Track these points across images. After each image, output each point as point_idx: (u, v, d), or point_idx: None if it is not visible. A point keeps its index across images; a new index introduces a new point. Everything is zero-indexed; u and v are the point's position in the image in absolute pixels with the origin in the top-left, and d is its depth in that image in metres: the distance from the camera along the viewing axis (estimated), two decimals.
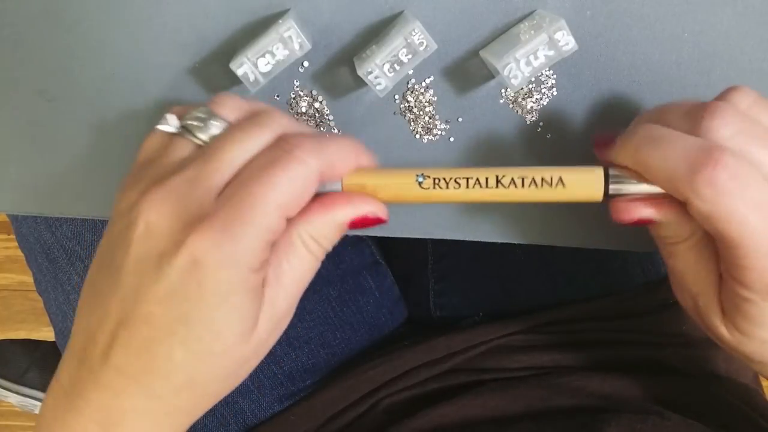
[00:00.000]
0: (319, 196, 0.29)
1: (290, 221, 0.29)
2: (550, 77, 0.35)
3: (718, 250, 0.29)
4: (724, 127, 0.27)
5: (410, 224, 0.38)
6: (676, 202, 0.28)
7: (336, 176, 0.29)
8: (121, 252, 0.27)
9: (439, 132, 0.36)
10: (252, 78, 0.32)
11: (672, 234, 0.29)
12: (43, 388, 0.92)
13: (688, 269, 0.30)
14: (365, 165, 0.30)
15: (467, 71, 0.35)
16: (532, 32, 0.32)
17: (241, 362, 0.29)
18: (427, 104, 0.36)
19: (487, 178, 0.29)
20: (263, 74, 0.32)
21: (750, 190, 0.26)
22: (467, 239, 0.38)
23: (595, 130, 0.36)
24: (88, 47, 0.35)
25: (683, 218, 0.29)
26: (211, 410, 0.30)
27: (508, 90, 0.35)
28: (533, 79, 0.35)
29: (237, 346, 0.28)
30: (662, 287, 0.51)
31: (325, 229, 0.29)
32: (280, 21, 0.32)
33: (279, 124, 0.29)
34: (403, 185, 0.29)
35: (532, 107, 0.35)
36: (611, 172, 0.29)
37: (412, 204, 0.37)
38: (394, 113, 0.36)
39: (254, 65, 0.32)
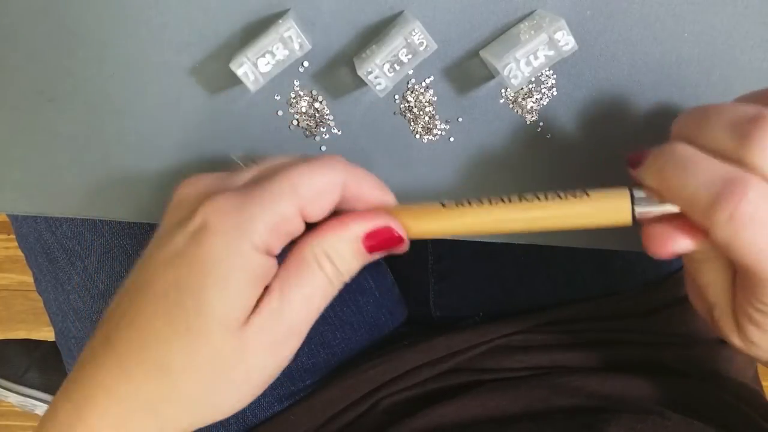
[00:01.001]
0: (335, 215, 0.29)
1: (304, 237, 0.28)
2: (550, 77, 0.35)
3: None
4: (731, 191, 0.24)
5: None
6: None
7: (359, 199, 0.29)
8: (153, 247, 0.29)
9: (439, 132, 0.36)
10: (252, 78, 0.32)
11: (701, 256, 0.29)
12: (43, 388, 0.92)
13: (710, 284, 0.29)
14: (389, 203, 0.30)
15: (467, 71, 0.35)
16: (532, 32, 0.32)
17: (218, 364, 0.27)
18: (427, 104, 0.36)
19: (509, 195, 0.28)
20: (263, 74, 0.32)
21: None
22: (467, 239, 0.38)
23: (595, 130, 0.36)
24: (88, 47, 0.35)
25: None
26: None
27: (508, 90, 0.35)
28: (533, 79, 0.35)
29: (215, 334, 0.26)
30: (662, 287, 0.51)
31: (339, 245, 0.28)
32: (280, 21, 0.32)
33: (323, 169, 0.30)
34: (426, 207, 0.29)
35: (532, 107, 0.35)
36: (636, 194, 0.27)
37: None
38: (394, 113, 0.36)
39: (254, 65, 0.32)
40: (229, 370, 0.27)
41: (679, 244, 0.27)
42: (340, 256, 0.28)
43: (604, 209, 0.28)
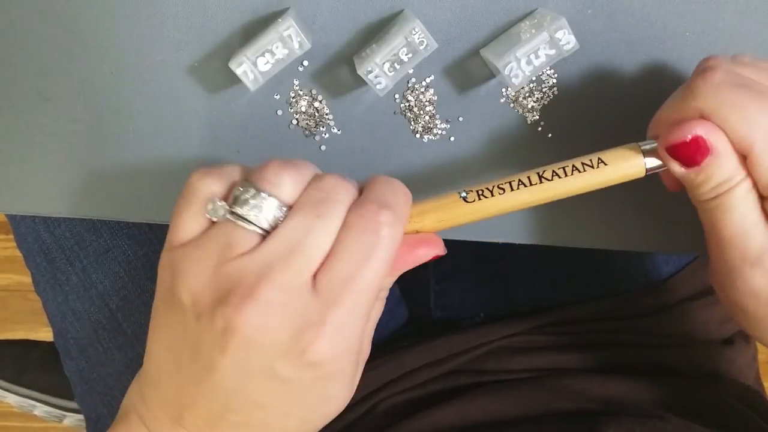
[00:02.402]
0: None
1: None
2: (551, 76, 0.35)
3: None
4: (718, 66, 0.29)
5: None
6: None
7: (405, 224, 0.29)
8: (215, 353, 0.27)
9: (440, 131, 0.36)
10: (251, 77, 0.32)
11: (728, 174, 0.28)
12: (42, 388, 0.92)
13: (748, 216, 0.29)
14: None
15: (468, 70, 0.35)
16: (533, 31, 0.32)
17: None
18: (427, 103, 0.35)
19: (528, 177, 0.29)
20: (262, 73, 0.32)
21: (745, 75, 0.28)
22: (468, 239, 0.38)
23: (596, 130, 0.36)
24: (87, 46, 0.35)
25: (732, 153, 0.28)
26: None
27: (509, 89, 0.35)
28: (534, 79, 0.35)
29: (344, 406, 0.30)
30: (663, 288, 0.50)
31: (392, 279, 0.31)
32: (280, 20, 0.32)
33: (342, 190, 0.28)
34: (448, 206, 0.29)
35: (533, 106, 0.35)
36: (644, 145, 0.29)
37: None
38: (395, 113, 0.36)
39: (253, 64, 0.32)
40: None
41: (696, 127, 0.28)
42: (390, 283, 0.31)
43: (620, 171, 0.29)
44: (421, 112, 0.35)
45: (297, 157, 0.36)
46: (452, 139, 0.36)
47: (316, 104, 0.36)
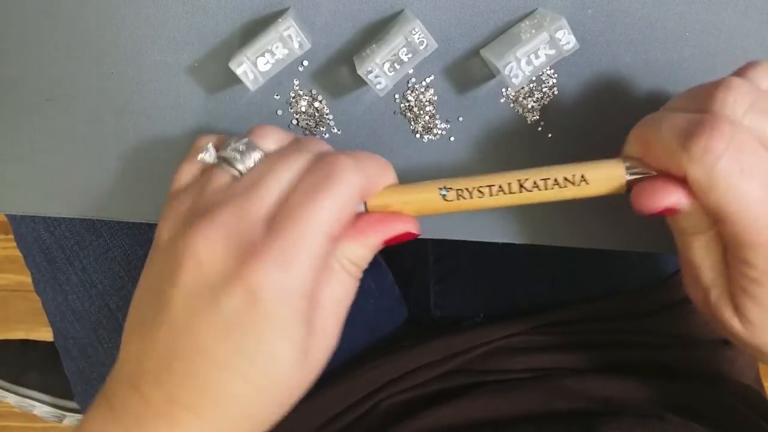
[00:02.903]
0: (355, 222, 0.30)
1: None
2: (551, 76, 0.35)
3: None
4: (736, 103, 0.26)
5: None
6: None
7: (373, 193, 0.30)
8: (168, 285, 0.28)
9: (440, 131, 0.36)
10: (251, 77, 0.32)
11: (692, 225, 0.29)
12: (42, 388, 0.92)
13: (703, 261, 0.29)
14: (392, 182, 0.31)
15: (468, 70, 0.35)
16: (533, 31, 0.32)
17: (295, 390, 0.29)
18: (427, 103, 0.35)
19: (509, 184, 0.29)
20: (262, 73, 0.32)
21: (748, 158, 0.25)
22: (467, 239, 0.38)
23: (595, 129, 0.36)
24: (88, 47, 0.35)
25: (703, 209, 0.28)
26: None
27: (509, 89, 0.35)
28: (534, 78, 0.35)
29: (294, 374, 0.28)
30: (664, 288, 0.50)
31: (361, 252, 0.30)
32: (280, 20, 0.32)
33: (316, 147, 0.30)
34: (427, 201, 0.30)
35: (533, 106, 0.35)
36: (628, 164, 0.29)
37: None
38: (394, 113, 0.36)
39: (253, 64, 0.32)
40: (299, 388, 0.30)
41: (667, 198, 0.27)
42: (362, 258, 0.30)
43: (601, 188, 0.29)
44: (421, 112, 0.35)
45: None
46: (452, 139, 0.36)
47: (316, 104, 0.36)
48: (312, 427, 0.48)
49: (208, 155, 0.31)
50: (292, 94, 0.36)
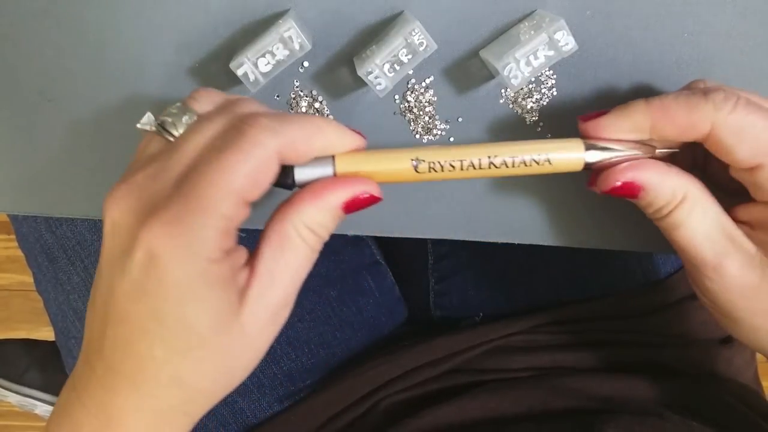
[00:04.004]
0: (309, 185, 0.29)
1: (282, 212, 0.28)
2: (550, 77, 0.35)
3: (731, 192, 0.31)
4: (728, 95, 0.29)
5: (410, 224, 0.38)
6: (658, 161, 0.30)
7: (300, 156, 0.28)
8: (100, 255, 0.28)
9: (439, 132, 0.36)
10: (252, 78, 0.32)
11: (663, 200, 0.30)
12: (43, 387, 0.92)
13: (697, 233, 0.30)
14: (353, 146, 0.29)
15: (467, 71, 0.35)
16: (532, 32, 0.32)
17: (228, 356, 0.28)
18: (427, 104, 0.36)
19: (480, 160, 0.30)
20: (263, 74, 0.32)
21: (758, 101, 0.29)
22: (467, 239, 0.38)
23: None
24: (88, 47, 0.35)
25: (667, 177, 0.30)
26: (210, 411, 0.30)
27: (508, 90, 0.35)
28: (533, 79, 0.35)
29: (215, 338, 0.27)
30: (663, 287, 0.51)
31: (319, 217, 0.28)
32: (280, 21, 0.32)
33: (246, 107, 0.29)
34: (398, 171, 0.30)
35: (532, 107, 0.35)
36: (588, 143, 0.31)
37: (412, 203, 0.37)
38: (394, 113, 0.36)
39: (254, 65, 0.32)
40: (238, 356, 0.28)
41: (625, 174, 0.30)
42: (320, 224, 0.28)
43: (563, 168, 0.31)
44: (421, 112, 0.36)
45: None
46: (452, 139, 0.36)
47: (317, 105, 0.36)
48: (312, 426, 0.48)
49: (146, 121, 0.29)
50: (293, 95, 0.36)
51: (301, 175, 0.29)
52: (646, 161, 0.30)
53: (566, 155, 0.30)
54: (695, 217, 0.30)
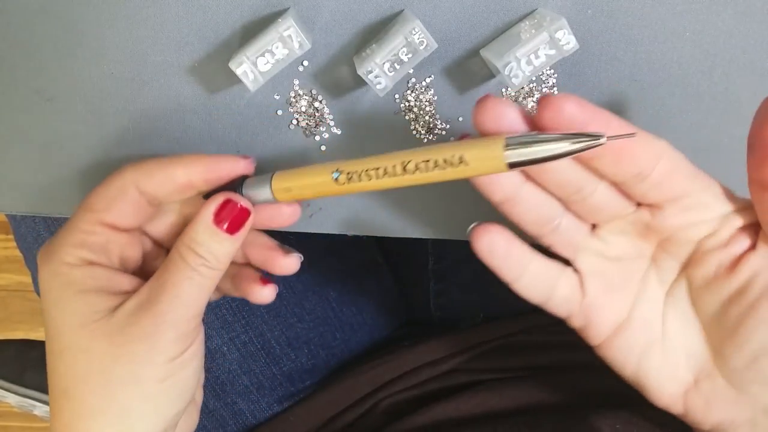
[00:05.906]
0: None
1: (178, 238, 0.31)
2: (551, 76, 0.35)
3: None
4: None
5: (410, 224, 0.38)
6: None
7: (160, 184, 0.31)
8: None
9: (440, 131, 0.36)
10: (251, 77, 0.32)
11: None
12: (42, 388, 0.92)
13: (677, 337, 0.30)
14: (230, 170, 0.32)
15: (468, 70, 0.35)
16: (533, 31, 0.32)
17: (104, 365, 0.29)
18: (427, 104, 0.35)
19: (393, 166, 0.29)
20: (262, 73, 0.32)
21: None
22: (467, 239, 0.38)
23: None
24: (87, 46, 0.35)
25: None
26: (209, 411, 0.30)
27: (509, 89, 0.35)
28: (534, 79, 0.35)
29: (81, 341, 0.29)
30: None
31: (197, 235, 0.30)
32: (280, 20, 0.32)
33: None
34: (322, 184, 0.30)
35: (533, 107, 0.35)
36: (509, 140, 0.26)
37: (412, 204, 0.37)
38: (395, 113, 0.36)
39: (253, 64, 0.32)
40: (116, 372, 0.30)
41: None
42: (199, 243, 0.30)
43: (481, 169, 0.27)
44: (421, 112, 0.36)
45: (297, 157, 0.37)
46: (452, 139, 0.36)
47: (316, 104, 0.36)
48: (312, 426, 0.48)
49: None
50: (292, 94, 0.36)
51: (247, 191, 0.32)
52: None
53: (481, 152, 0.27)
54: None
